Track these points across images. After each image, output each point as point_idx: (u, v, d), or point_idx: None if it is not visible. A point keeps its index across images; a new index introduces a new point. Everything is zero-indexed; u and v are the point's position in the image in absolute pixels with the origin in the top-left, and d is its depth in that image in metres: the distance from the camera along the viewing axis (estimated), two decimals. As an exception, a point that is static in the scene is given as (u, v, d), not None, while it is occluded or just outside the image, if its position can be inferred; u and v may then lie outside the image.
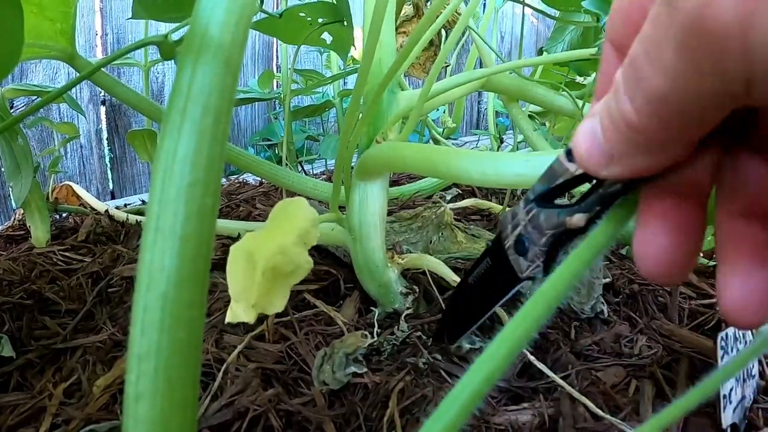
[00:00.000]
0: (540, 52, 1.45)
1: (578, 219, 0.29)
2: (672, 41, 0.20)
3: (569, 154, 0.28)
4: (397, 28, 1.02)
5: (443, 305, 0.77)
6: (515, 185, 0.54)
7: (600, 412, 0.59)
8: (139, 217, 1.16)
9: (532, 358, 0.67)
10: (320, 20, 0.89)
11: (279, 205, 0.39)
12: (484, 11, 1.68)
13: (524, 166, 0.50)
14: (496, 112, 2.04)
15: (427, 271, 0.81)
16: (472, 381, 0.28)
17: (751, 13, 0.18)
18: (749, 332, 0.65)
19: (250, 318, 0.36)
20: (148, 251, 0.32)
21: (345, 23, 0.89)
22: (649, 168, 0.24)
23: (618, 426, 0.57)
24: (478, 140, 2.58)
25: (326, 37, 0.99)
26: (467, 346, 0.69)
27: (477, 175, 0.54)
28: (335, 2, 0.87)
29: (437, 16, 0.67)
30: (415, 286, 0.79)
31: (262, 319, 0.74)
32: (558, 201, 0.31)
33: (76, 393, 0.66)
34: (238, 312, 0.36)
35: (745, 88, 0.20)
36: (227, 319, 0.37)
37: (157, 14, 0.80)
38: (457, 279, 0.76)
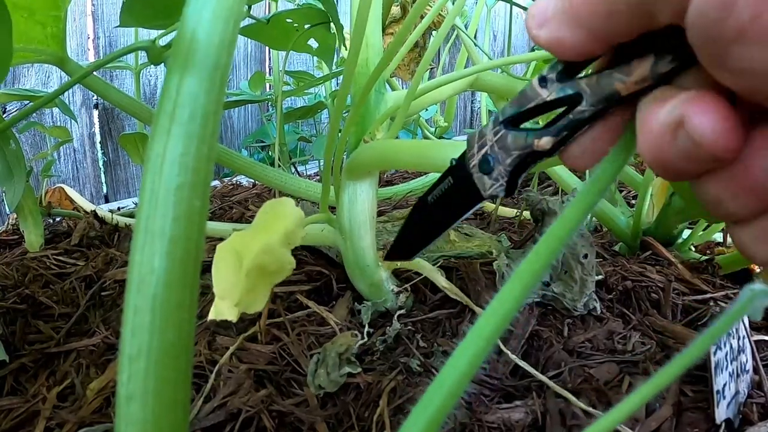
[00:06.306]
0: (533, 51, 1.45)
1: (546, 142, 0.31)
2: None
3: (542, 80, 0.30)
4: (384, 29, 1.02)
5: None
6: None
7: (591, 410, 0.59)
8: (129, 220, 1.16)
9: (516, 359, 0.67)
10: (306, 26, 0.89)
11: (266, 205, 0.39)
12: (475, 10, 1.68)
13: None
14: (490, 111, 2.04)
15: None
16: (462, 355, 0.30)
17: None
18: (741, 328, 0.65)
19: (233, 316, 0.36)
20: (138, 253, 0.32)
21: (330, 28, 0.89)
22: (564, 43, 0.27)
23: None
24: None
25: (312, 43, 0.99)
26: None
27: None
28: (322, 7, 0.87)
29: (421, 18, 0.67)
30: (407, 285, 0.79)
31: (254, 320, 0.74)
32: (525, 125, 0.33)
33: (69, 396, 0.66)
34: (222, 310, 0.36)
35: None
36: (210, 316, 0.37)
37: (146, 22, 0.80)
38: (446, 284, 0.77)
